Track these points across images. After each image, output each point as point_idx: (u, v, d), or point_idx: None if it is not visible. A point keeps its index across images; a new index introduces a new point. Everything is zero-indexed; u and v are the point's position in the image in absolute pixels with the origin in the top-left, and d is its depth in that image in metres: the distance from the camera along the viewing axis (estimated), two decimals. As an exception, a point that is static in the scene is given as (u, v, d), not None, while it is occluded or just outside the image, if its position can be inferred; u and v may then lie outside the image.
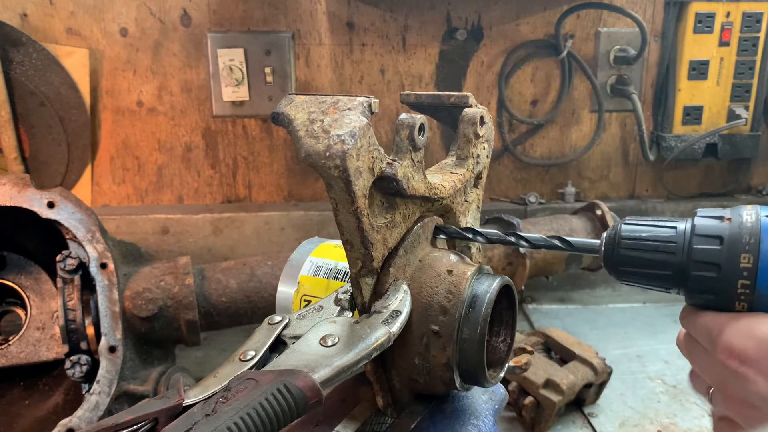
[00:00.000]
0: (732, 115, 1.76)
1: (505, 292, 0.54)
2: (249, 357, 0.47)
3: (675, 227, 0.48)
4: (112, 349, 1.17)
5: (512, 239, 0.55)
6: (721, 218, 0.46)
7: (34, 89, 1.63)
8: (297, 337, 0.48)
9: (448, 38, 1.75)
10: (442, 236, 0.58)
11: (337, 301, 0.53)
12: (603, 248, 0.50)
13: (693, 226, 0.47)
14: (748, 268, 0.45)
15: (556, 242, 0.53)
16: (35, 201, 1.19)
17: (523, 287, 1.57)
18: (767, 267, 0.44)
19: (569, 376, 1.25)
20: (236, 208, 1.78)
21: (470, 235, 0.57)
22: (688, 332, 0.52)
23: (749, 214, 0.46)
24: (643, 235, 0.49)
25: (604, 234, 0.51)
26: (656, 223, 0.49)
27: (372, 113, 0.47)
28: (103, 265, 1.19)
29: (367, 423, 0.54)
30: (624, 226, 0.50)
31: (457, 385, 0.52)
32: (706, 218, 0.47)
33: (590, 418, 1.29)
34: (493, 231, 0.57)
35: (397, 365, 0.52)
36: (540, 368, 1.25)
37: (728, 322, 0.47)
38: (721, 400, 0.51)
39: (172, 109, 1.74)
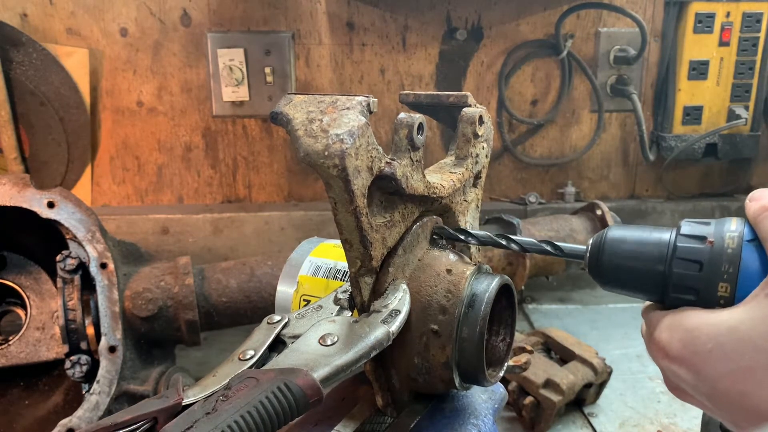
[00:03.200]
0: (732, 115, 1.76)
1: (504, 291, 0.54)
2: (248, 356, 0.47)
3: (660, 238, 0.48)
4: (112, 349, 1.17)
5: (503, 242, 0.55)
6: (703, 239, 0.45)
7: (34, 89, 1.63)
8: (296, 337, 0.48)
9: (448, 38, 1.75)
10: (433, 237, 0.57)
11: (337, 301, 0.53)
12: (588, 254, 0.51)
13: (675, 246, 0.46)
14: (725, 297, 0.44)
15: (546, 246, 0.53)
16: (35, 201, 1.19)
17: (523, 287, 1.57)
18: (744, 296, 0.43)
19: (569, 376, 1.25)
20: (236, 208, 1.78)
21: (462, 237, 0.57)
22: None
23: (732, 237, 0.45)
24: (627, 244, 0.49)
25: (590, 240, 0.51)
26: (642, 232, 0.49)
27: (371, 112, 0.47)
28: (103, 265, 1.19)
29: (367, 422, 0.54)
30: (610, 234, 0.50)
31: (457, 385, 0.52)
32: (689, 238, 0.46)
33: (590, 418, 1.29)
34: (482, 233, 0.57)
35: (397, 364, 0.52)
36: (540, 368, 1.25)
37: (662, 317, 0.47)
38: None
39: (172, 109, 1.74)
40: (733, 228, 0.46)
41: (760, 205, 0.46)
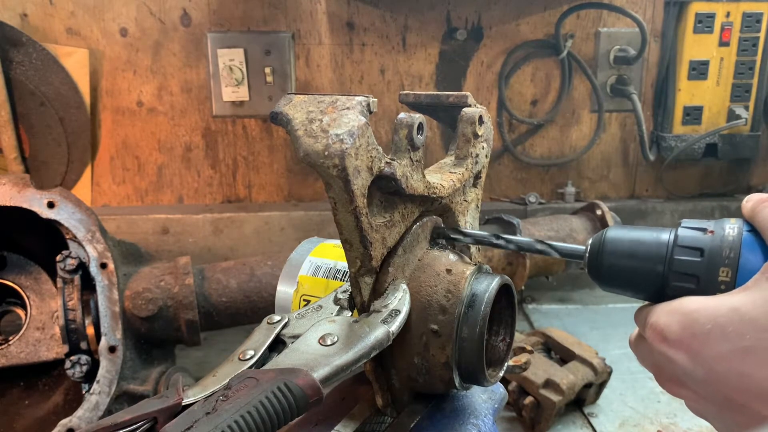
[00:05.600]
0: (732, 115, 1.76)
1: (504, 291, 0.54)
2: (248, 356, 0.47)
3: (659, 237, 0.48)
4: (112, 349, 1.17)
5: (494, 240, 0.55)
6: (704, 230, 0.47)
7: (34, 89, 1.63)
8: (296, 337, 0.48)
9: (448, 38, 1.75)
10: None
11: (337, 301, 0.53)
12: (587, 255, 0.51)
13: (676, 236, 0.47)
14: (726, 282, 0.45)
15: (541, 246, 0.53)
16: (35, 201, 1.19)
17: (523, 287, 1.57)
18: (745, 282, 0.44)
19: (569, 376, 1.25)
20: (236, 208, 1.78)
21: (455, 236, 0.57)
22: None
23: (731, 227, 0.46)
24: (627, 243, 0.49)
25: (589, 241, 0.51)
26: (641, 232, 0.49)
27: (370, 112, 0.47)
28: (103, 265, 1.19)
29: (367, 422, 0.54)
30: (609, 234, 0.50)
31: (457, 385, 0.52)
32: (690, 229, 0.47)
33: (590, 418, 1.29)
34: (479, 232, 0.57)
35: (397, 364, 0.52)
36: (540, 368, 1.25)
37: (659, 306, 0.47)
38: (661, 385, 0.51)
39: (172, 109, 1.74)
40: (732, 222, 0.47)
41: (756, 199, 0.47)
